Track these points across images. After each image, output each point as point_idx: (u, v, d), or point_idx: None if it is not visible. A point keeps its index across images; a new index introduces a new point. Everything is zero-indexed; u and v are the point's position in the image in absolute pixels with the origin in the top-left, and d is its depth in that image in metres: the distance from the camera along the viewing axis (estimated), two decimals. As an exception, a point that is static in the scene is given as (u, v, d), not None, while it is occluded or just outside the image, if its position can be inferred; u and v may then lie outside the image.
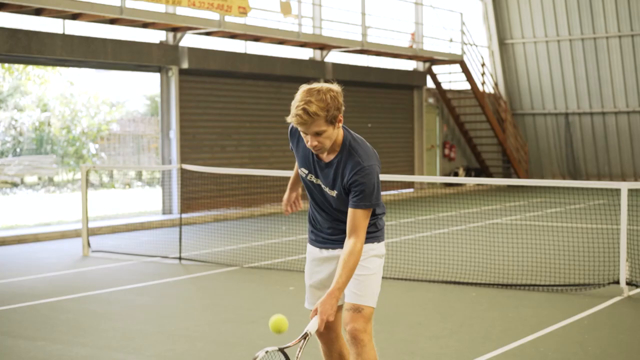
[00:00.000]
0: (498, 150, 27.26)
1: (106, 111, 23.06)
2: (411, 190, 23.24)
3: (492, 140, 26.94)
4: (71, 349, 6.54)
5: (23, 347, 6.61)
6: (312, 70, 19.91)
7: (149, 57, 16.34)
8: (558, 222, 15.21)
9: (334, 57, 21.21)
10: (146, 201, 19.43)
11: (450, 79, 25.82)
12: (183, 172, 12.42)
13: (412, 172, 23.96)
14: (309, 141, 4.10)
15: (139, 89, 22.93)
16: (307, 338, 4.00)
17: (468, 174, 26.22)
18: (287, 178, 17.27)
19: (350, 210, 4.16)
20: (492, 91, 26.72)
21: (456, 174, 25.79)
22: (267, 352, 3.91)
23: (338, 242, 4.39)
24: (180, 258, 11.20)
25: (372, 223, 4.35)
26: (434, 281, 9.48)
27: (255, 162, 18.93)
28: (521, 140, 27.45)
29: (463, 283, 9.32)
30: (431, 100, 25.13)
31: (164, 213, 17.24)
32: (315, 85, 4.08)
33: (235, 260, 11.10)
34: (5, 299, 8.62)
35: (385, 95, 23.16)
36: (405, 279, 9.58)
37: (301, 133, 4.14)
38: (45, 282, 9.69)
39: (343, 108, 4.12)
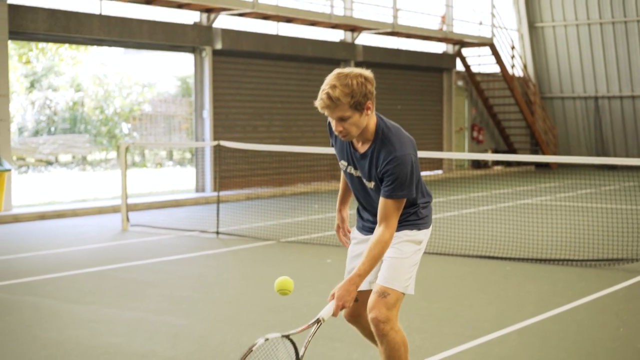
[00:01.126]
0: (526, 133, 27.28)
1: (138, 92, 23.36)
2: (440, 171, 23.36)
3: (521, 123, 26.97)
4: (122, 312, 6.79)
5: (75, 311, 6.86)
6: (342, 52, 20.05)
7: (183, 37, 16.57)
8: (589, 203, 15.30)
9: (365, 39, 21.33)
10: (178, 180, 19.72)
11: (480, 61, 25.85)
12: (218, 150, 12.64)
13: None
14: (334, 126, 3.98)
15: (170, 70, 23.17)
16: (319, 324, 3.85)
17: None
18: (319, 157, 17.51)
19: (381, 199, 4.02)
20: (521, 74, 26.73)
21: (485, 163, 25.84)
22: (267, 339, 3.67)
23: None
24: (217, 232, 11.44)
25: (414, 212, 4.22)
26: (468, 256, 9.65)
27: (287, 142, 19.12)
28: (550, 123, 27.45)
29: (497, 257, 9.47)
30: (460, 82, 25.20)
31: (197, 191, 17.51)
32: (346, 69, 3.96)
33: (271, 235, 11.32)
34: (53, 267, 8.90)
35: (414, 77, 23.26)
36: (441, 254, 9.76)
37: (329, 118, 4.04)
38: (89, 253, 9.97)
39: (373, 95, 3.97)
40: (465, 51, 24.97)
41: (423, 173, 22.88)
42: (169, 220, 13.12)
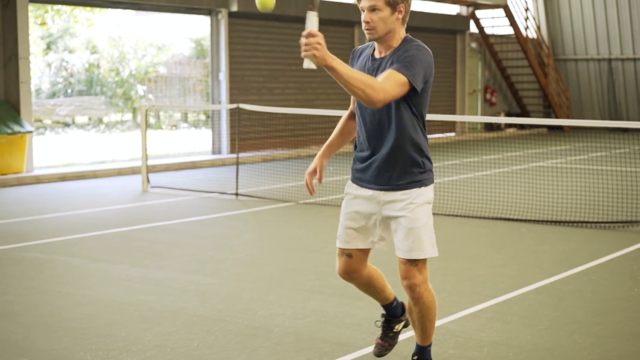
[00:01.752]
0: (539, 95, 27.32)
1: (153, 54, 23.47)
2: (452, 134, 23.49)
3: (534, 85, 26.99)
4: (150, 271, 7.02)
5: (106, 270, 7.10)
6: (355, 14, 20.06)
7: (200, 0, 16.65)
8: (601, 166, 15.44)
9: (379, 0, 21.35)
10: (193, 141, 19.91)
11: (493, 23, 25.82)
12: (234, 112, 12.79)
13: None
14: (364, 17, 4.02)
15: (185, 32, 23.25)
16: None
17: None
18: (333, 119, 17.65)
19: (386, 71, 3.97)
20: (534, 36, 26.68)
21: (499, 126, 25.92)
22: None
23: (386, 180, 4.21)
24: (237, 194, 11.66)
25: (420, 161, 4.18)
26: (484, 217, 9.84)
27: (301, 104, 19.26)
28: (563, 85, 27.45)
29: (512, 219, 9.66)
30: (474, 45, 25.20)
31: (213, 153, 17.71)
32: None
33: (290, 197, 11.53)
34: (79, 228, 9.14)
35: (428, 39, 23.25)
36: (456, 215, 9.95)
37: (360, 10, 4.08)
38: (113, 214, 10.20)
39: (409, 2, 4.08)
40: (479, 13, 24.94)
41: (435, 135, 22.89)
42: (188, 182, 13.34)
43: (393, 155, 4.14)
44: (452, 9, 24.31)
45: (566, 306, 5.95)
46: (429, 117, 10.00)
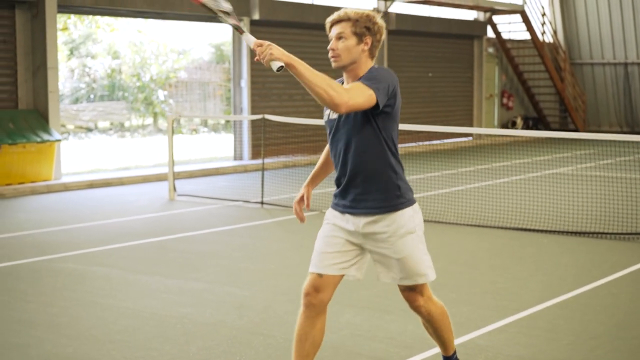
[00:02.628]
0: (556, 99, 27.50)
1: (174, 59, 23.80)
2: (469, 138, 23.70)
3: (550, 89, 27.16)
4: (186, 283, 7.31)
5: (143, 281, 7.39)
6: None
7: (222, 8, 16.93)
8: (617, 173, 15.61)
9: (398, 7, 21.59)
10: (213, 146, 20.22)
11: (510, 28, 26.01)
12: (263, 124, 13.04)
13: (470, 121, 24.45)
14: (330, 45, 4.13)
15: (204, 37, 23.56)
16: (238, 29, 4.08)
17: (526, 123, 26.56)
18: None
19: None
20: (551, 40, 26.85)
21: (514, 123, 26.15)
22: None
23: (361, 204, 4.24)
24: (262, 202, 11.93)
25: (395, 184, 4.22)
26: (504, 227, 10.07)
27: (320, 109, 19.42)
28: (579, 89, 27.61)
29: (533, 230, 9.89)
30: (491, 49, 25.41)
31: (235, 159, 18.00)
32: None
33: (314, 205, 11.78)
34: (113, 238, 9.43)
35: (446, 45, 23.52)
36: (476, 225, 10.19)
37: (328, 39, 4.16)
38: (144, 223, 10.50)
39: (377, 39, 4.15)
40: (496, 18, 25.14)
41: (453, 140, 23.03)
42: (212, 190, 13.62)
43: (365, 179, 4.18)
44: (470, 15, 24.52)
45: (588, 320, 6.18)
46: (445, 129, 10.27)
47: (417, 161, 17.46)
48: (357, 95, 3.90)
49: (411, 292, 4.36)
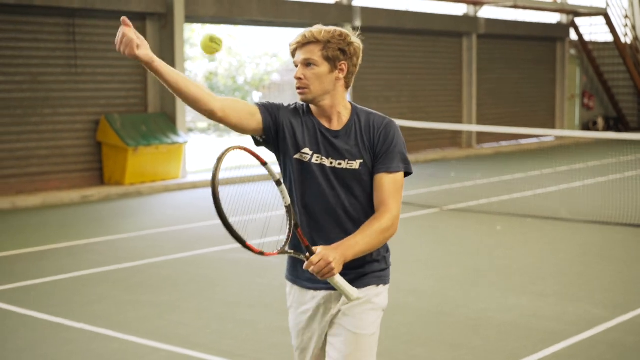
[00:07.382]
0: (635, 100, 27.98)
1: (267, 62, 24.91)
2: (552, 138, 24.37)
3: (630, 89, 27.65)
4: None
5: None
6: (466, 25, 21.20)
7: (327, 16, 17.97)
8: None
9: (486, 12, 22.43)
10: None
11: (592, 30, 26.59)
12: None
13: (553, 120, 25.17)
14: (296, 73, 3.26)
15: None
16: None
17: (606, 122, 27.11)
18: (450, 132, 18.90)
19: (380, 178, 3.25)
20: (632, 42, 27.34)
21: (595, 123, 26.74)
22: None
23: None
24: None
25: (383, 254, 3.39)
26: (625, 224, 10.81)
27: (413, 111, 20.45)
28: (659, 89, 28.02)
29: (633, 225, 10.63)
30: (573, 51, 26.03)
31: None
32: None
33: (434, 202, 12.66)
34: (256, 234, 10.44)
35: (530, 47, 24.26)
36: (597, 222, 10.96)
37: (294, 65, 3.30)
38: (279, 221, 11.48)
39: (353, 63, 3.29)
40: (578, 20, 25.75)
41: (536, 139, 23.64)
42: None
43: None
44: (553, 18, 25.19)
45: None
46: (526, 131, 10.97)
47: (521, 159, 18.17)
48: (395, 201, 3.24)
49: None
